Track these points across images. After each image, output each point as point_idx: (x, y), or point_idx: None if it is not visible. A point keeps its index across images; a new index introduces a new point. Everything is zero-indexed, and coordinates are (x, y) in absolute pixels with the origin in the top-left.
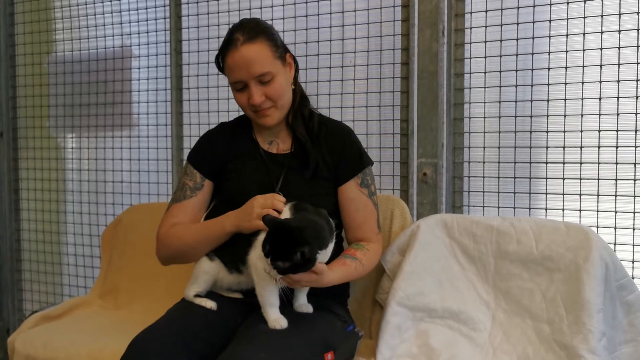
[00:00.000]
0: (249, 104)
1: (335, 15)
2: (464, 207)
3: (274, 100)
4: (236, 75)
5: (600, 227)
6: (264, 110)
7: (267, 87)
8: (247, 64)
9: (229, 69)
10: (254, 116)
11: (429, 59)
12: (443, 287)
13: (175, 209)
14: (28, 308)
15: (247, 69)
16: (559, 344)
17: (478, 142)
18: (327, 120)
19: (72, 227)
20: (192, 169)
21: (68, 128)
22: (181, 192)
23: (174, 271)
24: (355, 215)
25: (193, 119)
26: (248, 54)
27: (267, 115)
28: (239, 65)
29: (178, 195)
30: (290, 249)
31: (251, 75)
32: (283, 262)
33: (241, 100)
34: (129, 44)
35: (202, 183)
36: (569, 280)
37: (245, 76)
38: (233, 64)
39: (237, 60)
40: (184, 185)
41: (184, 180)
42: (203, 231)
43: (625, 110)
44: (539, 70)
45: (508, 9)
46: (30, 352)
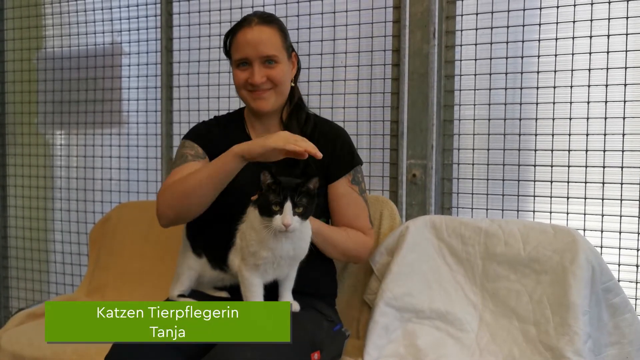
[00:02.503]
0: (248, 82)
1: (327, 15)
2: (453, 209)
3: (275, 82)
4: (243, 52)
5: (587, 230)
6: (261, 92)
7: (271, 69)
8: (257, 43)
9: (237, 46)
10: (248, 97)
11: (419, 60)
12: (431, 288)
13: (176, 171)
14: (14, 305)
15: (255, 47)
16: (545, 345)
17: (467, 144)
18: (320, 121)
19: (59, 225)
20: (192, 143)
21: (57, 125)
22: (181, 159)
23: (162, 269)
24: (347, 212)
25: (183, 118)
26: (260, 34)
27: (263, 98)
28: (248, 42)
29: (178, 162)
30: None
31: (258, 54)
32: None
33: (240, 77)
34: (120, 41)
35: (204, 156)
36: (555, 282)
37: (252, 54)
38: (243, 40)
39: (248, 38)
40: (183, 154)
41: (183, 151)
42: (206, 167)
43: (613, 114)
44: (529, 74)
45: (498, 12)
46: (16, 349)
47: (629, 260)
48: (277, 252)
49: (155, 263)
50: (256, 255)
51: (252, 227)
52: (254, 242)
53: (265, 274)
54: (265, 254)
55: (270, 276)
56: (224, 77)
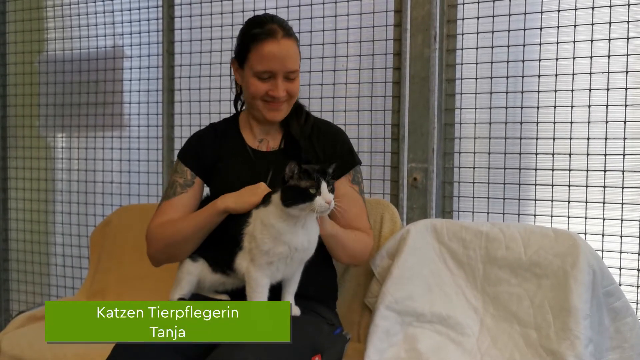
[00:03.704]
0: (268, 94)
1: (328, 19)
2: (454, 212)
3: (292, 96)
4: (269, 65)
5: (588, 234)
6: (279, 104)
7: (290, 83)
8: (284, 58)
9: (261, 57)
10: (263, 107)
11: (420, 64)
12: (432, 291)
13: (165, 206)
14: (15, 308)
15: (282, 62)
16: (546, 349)
17: (468, 148)
18: (320, 122)
19: (60, 228)
20: (183, 167)
21: (58, 128)
22: (171, 190)
23: (162, 273)
24: (347, 211)
25: (184, 121)
26: (287, 48)
27: (279, 110)
28: (276, 56)
29: (168, 193)
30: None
31: (284, 69)
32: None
33: (260, 88)
34: (121, 45)
35: (193, 180)
36: (556, 286)
37: (279, 68)
38: (270, 54)
39: (275, 52)
40: (173, 183)
41: (174, 178)
42: (193, 216)
43: (614, 118)
44: (530, 77)
45: (500, 16)
46: (16, 352)
47: (630, 264)
48: (293, 245)
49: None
50: (270, 252)
51: (265, 224)
52: (267, 239)
53: (277, 272)
54: (281, 249)
55: (279, 274)
56: (225, 81)
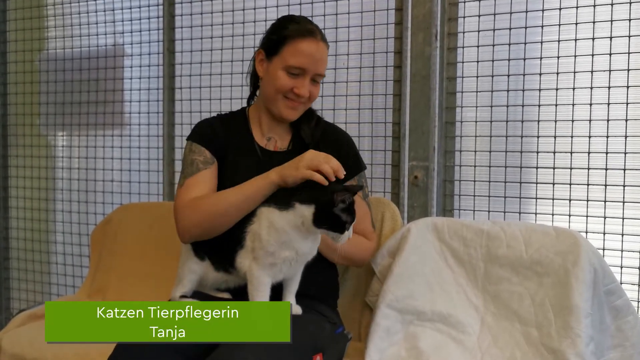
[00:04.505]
0: (292, 91)
1: (329, 17)
2: (455, 211)
3: (311, 99)
4: (303, 62)
5: (589, 232)
6: (298, 104)
7: (314, 87)
8: (319, 60)
9: (296, 52)
10: (282, 103)
11: (421, 62)
12: (433, 290)
13: (190, 183)
14: (15, 307)
15: (316, 63)
16: (547, 348)
17: (469, 146)
18: (328, 125)
19: (61, 226)
20: (199, 146)
21: (59, 126)
22: (192, 167)
23: (163, 271)
24: None
25: (185, 119)
26: (323, 51)
27: (297, 109)
28: (312, 56)
29: (189, 170)
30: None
31: (316, 70)
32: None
33: (287, 83)
34: (122, 43)
35: (213, 160)
36: (557, 284)
37: (312, 68)
38: (308, 51)
39: (314, 51)
40: (193, 161)
41: (192, 157)
42: (241, 188)
43: (616, 116)
44: (531, 76)
45: (501, 14)
46: (17, 350)
47: (631, 262)
48: (300, 251)
49: (157, 264)
50: (275, 254)
51: (276, 228)
52: (274, 242)
53: (279, 272)
54: (288, 254)
55: (282, 275)
56: (226, 79)
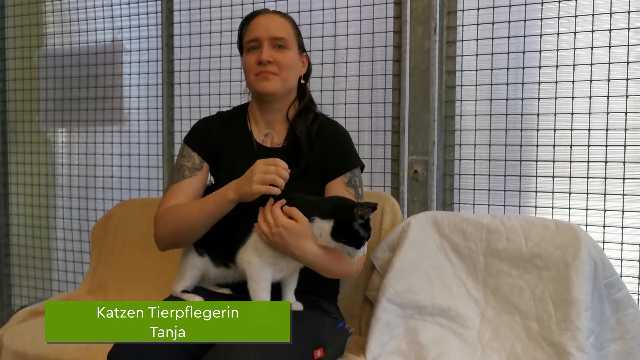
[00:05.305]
0: (255, 62)
1: (328, 11)
2: (455, 205)
3: (280, 67)
4: (254, 33)
5: (589, 226)
6: (267, 74)
7: (279, 53)
8: (269, 26)
9: (249, 30)
10: (255, 81)
11: (420, 56)
12: (433, 284)
13: (174, 189)
14: (17, 303)
15: (267, 28)
16: (548, 341)
17: (469, 140)
18: (327, 122)
19: (61, 222)
20: (190, 151)
21: (58, 122)
22: (179, 174)
23: (164, 267)
24: None
25: (184, 115)
26: (274, 20)
27: (268, 79)
28: (260, 25)
29: (176, 176)
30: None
31: (269, 34)
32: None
33: (249, 60)
34: (120, 38)
35: (201, 165)
36: (557, 278)
37: (263, 34)
38: (256, 24)
39: (262, 21)
40: (181, 167)
41: (181, 162)
42: (204, 203)
43: (615, 109)
44: (530, 69)
45: (500, 7)
46: (18, 347)
47: (631, 255)
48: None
49: (158, 260)
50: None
51: None
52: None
53: (280, 272)
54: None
55: (283, 272)
56: (225, 74)
